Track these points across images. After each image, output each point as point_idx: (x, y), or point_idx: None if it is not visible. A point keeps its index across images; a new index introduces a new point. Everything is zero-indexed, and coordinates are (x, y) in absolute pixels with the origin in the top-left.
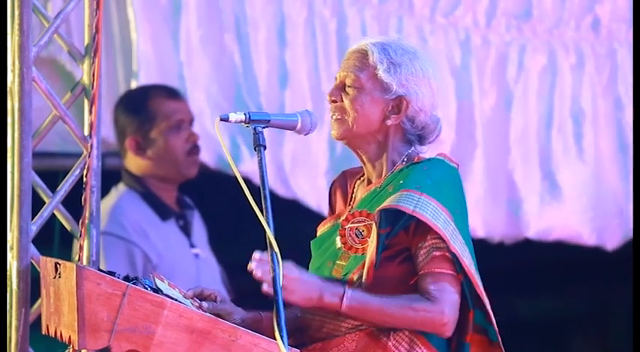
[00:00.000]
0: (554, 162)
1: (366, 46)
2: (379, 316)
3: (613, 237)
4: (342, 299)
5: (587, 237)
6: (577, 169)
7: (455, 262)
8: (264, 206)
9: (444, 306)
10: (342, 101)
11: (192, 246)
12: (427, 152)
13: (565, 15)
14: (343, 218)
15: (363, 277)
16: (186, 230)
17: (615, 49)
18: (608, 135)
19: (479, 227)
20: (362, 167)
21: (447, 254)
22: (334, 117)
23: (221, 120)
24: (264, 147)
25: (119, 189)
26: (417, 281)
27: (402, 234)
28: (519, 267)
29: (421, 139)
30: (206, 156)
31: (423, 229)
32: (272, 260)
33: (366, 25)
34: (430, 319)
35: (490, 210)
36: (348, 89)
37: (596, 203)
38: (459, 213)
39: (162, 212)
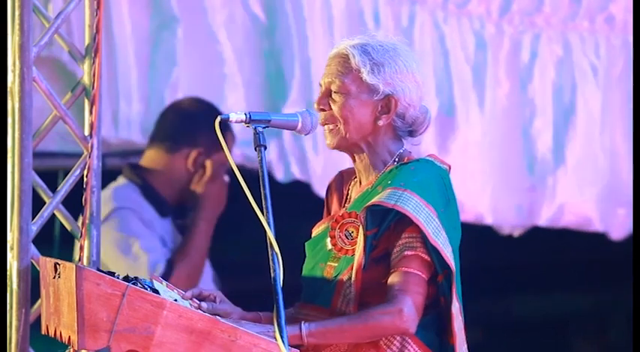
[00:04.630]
0: (568, 150)
1: (346, 50)
2: (341, 333)
3: (621, 227)
4: (301, 329)
5: (596, 225)
6: (590, 158)
7: (431, 262)
8: (264, 206)
9: (402, 305)
10: (331, 109)
11: None
12: (421, 143)
13: (580, 13)
14: (334, 219)
15: (352, 278)
16: (182, 229)
17: (630, 41)
18: (622, 125)
19: (489, 215)
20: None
21: (420, 254)
22: (327, 127)
23: (221, 120)
24: (265, 147)
25: (119, 182)
26: (388, 281)
27: (387, 234)
28: (520, 265)
29: (412, 133)
30: None
31: (400, 227)
32: (272, 260)
33: (379, 12)
34: (389, 320)
35: (501, 199)
36: (334, 95)
37: (609, 193)
38: (444, 212)
39: (162, 208)
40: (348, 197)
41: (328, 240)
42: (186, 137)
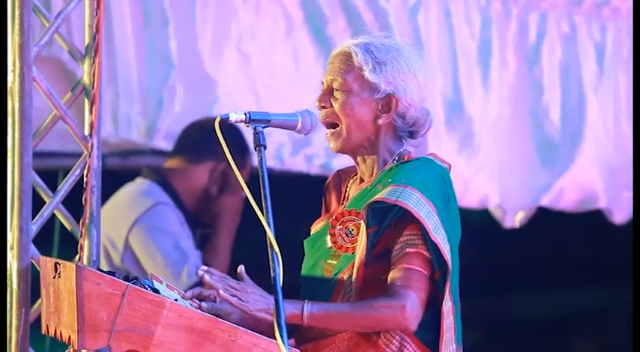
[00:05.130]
0: (573, 132)
1: (349, 48)
2: (342, 320)
3: (625, 210)
4: (303, 310)
5: (601, 205)
6: (596, 141)
7: (432, 259)
8: (264, 206)
9: (405, 301)
10: (332, 106)
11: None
12: (420, 146)
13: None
14: (333, 217)
15: (353, 276)
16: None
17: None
18: (628, 107)
19: (494, 195)
20: (356, 166)
21: (421, 251)
22: (329, 132)
23: (221, 119)
24: (265, 147)
25: (138, 182)
26: (388, 277)
27: (388, 231)
28: (520, 263)
29: (412, 134)
30: None
31: (402, 225)
32: (272, 260)
33: None
34: (392, 315)
35: (507, 178)
36: (336, 93)
37: (615, 175)
38: (444, 211)
39: (185, 214)
40: (347, 195)
41: (328, 237)
42: (211, 151)
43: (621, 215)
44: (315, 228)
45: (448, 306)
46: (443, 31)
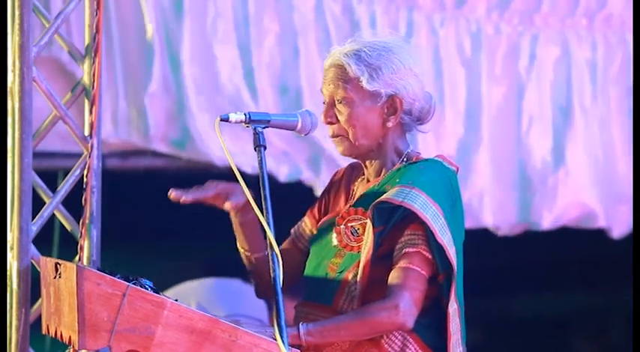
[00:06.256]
0: (567, 149)
1: (341, 60)
2: (339, 330)
3: (622, 224)
4: (299, 328)
5: (599, 223)
6: (589, 156)
7: (433, 260)
8: (264, 206)
9: (398, 300)
10: (338, 121)
11: None
12: (430, 131)
13: (578, 11)
14: (339, 216)
15: (358, 276)
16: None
17: (627, 38)
18: (620, 122)
19: (489, 216)
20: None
21: (421, 251)
22: (337, 138)
23: (221, 120)
24: (265, 148)
25: None
26: (388, 278)
27: (392, 232)
28: (521, 265)
29: (420, 121)
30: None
31: (404, 225)
32: (272, 260)
33: (375, 19)
34: (386, 315)
35: (500, 200)
36: (339, 106)
37: (607, 190)
38: (450, 213)
39: None
40: (354, 193)
41: (334, 235)
42: None
43: (619, 230)
44: (320, 226)
45: (454, 308)
46: (432, 63)
